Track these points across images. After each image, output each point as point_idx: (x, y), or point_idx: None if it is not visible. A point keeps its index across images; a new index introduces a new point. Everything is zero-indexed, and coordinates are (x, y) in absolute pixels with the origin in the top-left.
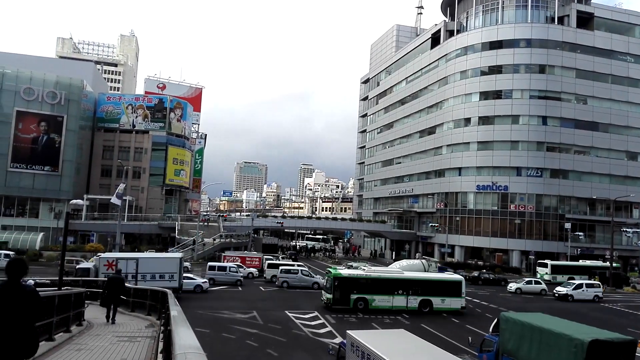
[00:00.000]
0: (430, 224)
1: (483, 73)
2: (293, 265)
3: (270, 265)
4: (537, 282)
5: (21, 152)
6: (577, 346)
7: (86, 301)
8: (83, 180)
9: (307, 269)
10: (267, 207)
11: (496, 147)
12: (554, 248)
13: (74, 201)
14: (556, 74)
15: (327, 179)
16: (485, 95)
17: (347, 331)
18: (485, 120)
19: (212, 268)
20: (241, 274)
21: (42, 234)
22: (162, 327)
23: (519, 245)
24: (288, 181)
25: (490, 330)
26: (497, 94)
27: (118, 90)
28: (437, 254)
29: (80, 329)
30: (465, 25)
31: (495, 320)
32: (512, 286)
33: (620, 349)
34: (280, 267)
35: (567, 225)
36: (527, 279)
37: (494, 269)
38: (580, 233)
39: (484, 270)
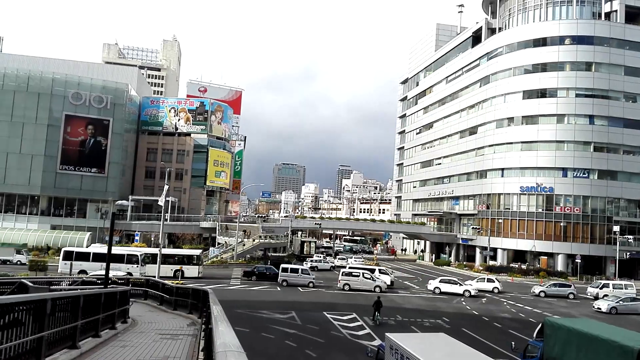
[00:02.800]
0: (472, 226)
1: (526, 71)
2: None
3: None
4: None
5: (70, 155)
6: (627, 353)
7: (131, 299)
8: (128, 181)
9: (369, 273)
10: (305, 209)
11: (541, 147)
12: (602, 252)
13: (120, 202)
14: (603, 72)
15: (365, 180)
16: (528, 94)
17: (386, 334)
18: (529, 119)
19: (285, 270)
20: (313, 277)
21: (89, 233)
22: (203, 326)
23: (565, 248)
24: (326, 182)
25: (534, 335)
26: (541, 93)
27: (161, 94)
28: (478, 257)
29: (125, 326)
30: (507, 22)
31: (540, 326)
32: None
33: None
34: (342, 270)
35: (616, 228)
36: None
37: (539, 273)
38: (629, 236)
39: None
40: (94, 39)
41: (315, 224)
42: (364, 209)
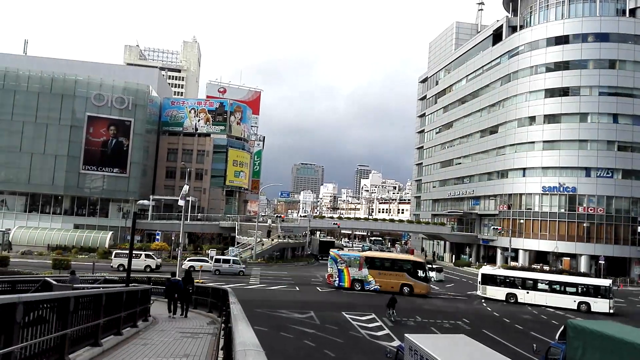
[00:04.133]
0: (492, 227)
1: (549, 69)
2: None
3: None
4: None
5: (92, 155)
6: None
7: (152, 297)
8: (149, 181)
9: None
10: (323, 209)
11: (563, 146)
12: (626, 253)
13: (141, 201)
14: (627, 69)
15: (383, 181)
16: (550, 93)
17: (406, 335)
18: (551, 118)
19: None
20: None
21: (111, 232)
22: (222, 324)
23: (588, 249)
24: (344, 182)
25: (557, 338)
26: (563, 91)
27: (181, 94)
28: (499, 258)
29: (146, 324)
30: (529, 20)
31: (562, 328)
32: None
33: None
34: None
35: None
36: None
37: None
38: None
39: None
40: (115, 41)
41: (334, 223)
42: (383, 209)
